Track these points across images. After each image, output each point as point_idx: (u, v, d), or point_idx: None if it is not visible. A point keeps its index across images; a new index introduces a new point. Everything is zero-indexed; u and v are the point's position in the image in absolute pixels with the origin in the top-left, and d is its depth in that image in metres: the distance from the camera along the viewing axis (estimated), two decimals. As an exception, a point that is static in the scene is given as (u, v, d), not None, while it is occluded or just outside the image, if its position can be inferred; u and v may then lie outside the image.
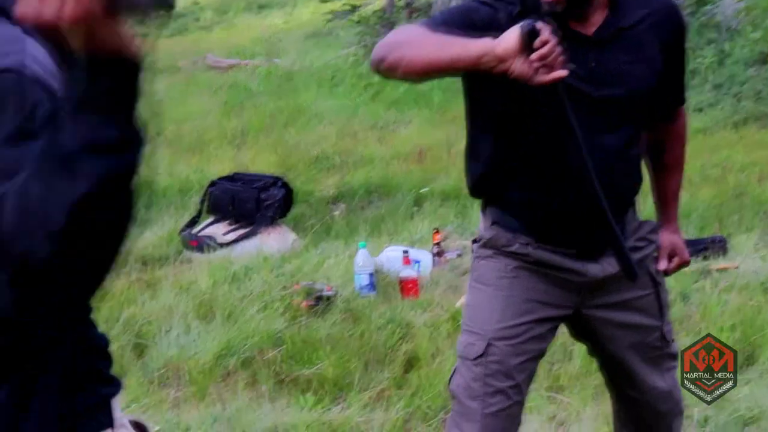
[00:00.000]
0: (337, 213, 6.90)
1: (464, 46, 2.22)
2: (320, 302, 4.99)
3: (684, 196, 6.76)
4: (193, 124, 9.61)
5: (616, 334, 2.64)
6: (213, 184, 6.50)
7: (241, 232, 6.20)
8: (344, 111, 10.29)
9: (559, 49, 2.16)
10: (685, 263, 2.76)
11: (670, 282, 4.94)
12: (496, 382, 2.54)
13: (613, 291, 2.60)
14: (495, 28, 2.26)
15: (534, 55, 2.13)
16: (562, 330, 2.78)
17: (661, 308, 2.67)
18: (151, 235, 6.31)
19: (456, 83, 2.61)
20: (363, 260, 5.27)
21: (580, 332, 2.75)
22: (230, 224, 6.32)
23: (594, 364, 3.01)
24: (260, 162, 8.11)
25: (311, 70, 12.30)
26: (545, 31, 2.15)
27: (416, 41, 2.33)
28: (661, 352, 2.70)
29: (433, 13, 2.26)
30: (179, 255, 6.00)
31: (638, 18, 2.46)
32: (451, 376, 2.65)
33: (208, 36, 18.01)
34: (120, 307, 4.95)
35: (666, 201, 2.79)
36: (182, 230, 6.25)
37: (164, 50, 15.12)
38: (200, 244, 6.07)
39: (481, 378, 2.54)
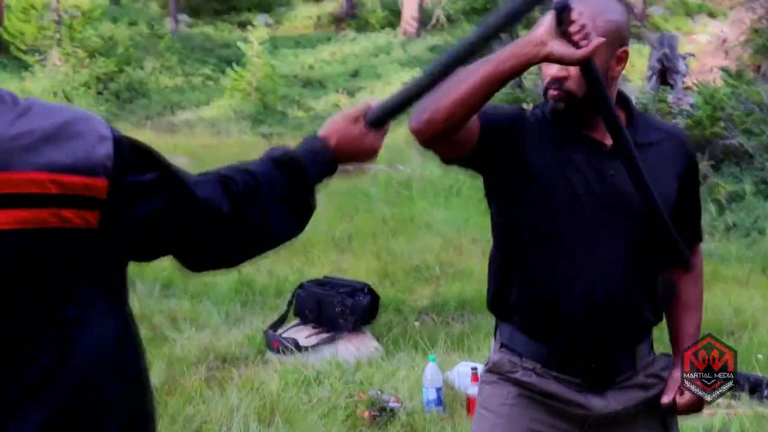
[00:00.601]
0: (418, 324, 6.88)
1: (500, 54, 2.20)
2: (383, 414, 4.98)
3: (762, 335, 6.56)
4: (304, 226, 9.81)
5: None
6: (301, 286, 6.60)
7: (323, 336, 6.26)
8: (454, 222, 10.35)
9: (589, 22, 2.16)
10: (696, 402, 2.57)
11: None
12: None
13: (617, 429, 2.54)
14: (519, 121, 2.44)
15: (574, 27, 2.11)
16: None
17: None
18: (237, 333, 6.44)
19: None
20: (431, 374, 5.23)
21: None
22: (314, 328, 6.38)
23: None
24: (360, 268, 8.21)
25: (430, 179, 12.44)
26: (576, 4, 2.15)
27: (447, 83, 2.21)
28: None
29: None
30: (259, 355, 6.09)
31: (654, 139, 2.48)
32: None
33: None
34: (186, 403, 5.06)
35: (681, 341, 2.66)
36: (266, 331, 6.35)
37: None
38: (281, 346, 6.14)
39: None
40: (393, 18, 32.38)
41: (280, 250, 6.78)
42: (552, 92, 2.39)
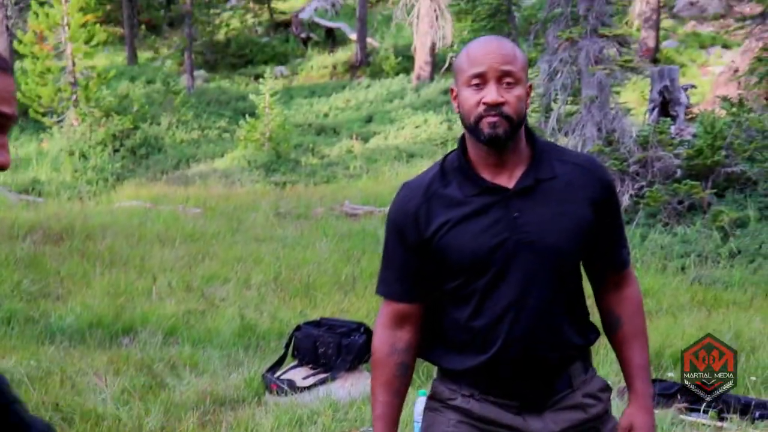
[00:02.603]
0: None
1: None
2: (374, 449, 5.02)
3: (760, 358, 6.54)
4: (309, 269, 9.91)
5: None
6: (298, 328, 6.68)
7: (320, 377, 6.33)
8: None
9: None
10: None
11: None
12: None
13: None
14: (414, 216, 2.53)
15: None
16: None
17: None
18: (236, 377, 6.51)
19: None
20: (421, 409, 5.26)
21: None
22: (311, 368, 6.46)
23: None
24: (362, 308, 8.28)
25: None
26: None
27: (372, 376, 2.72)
28: None
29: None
30: (256, 398, 6.15)
31: (558, 171, 2.52)
32: None
33: (355, 184, 18.61)
34: (179, 446, 5.14)
35: (630, 375, 2.65)
36: (264, 373, 6.42)
37: (305, 197, 15.74)
38: (279, 388, 6.21)
39: None
40: (406, 63, 32.65)
41: (284, 294, 6.87)
42: (491, 118, 2.42)
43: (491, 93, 2.41)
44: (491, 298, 2.48)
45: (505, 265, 2.46)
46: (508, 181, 2.49)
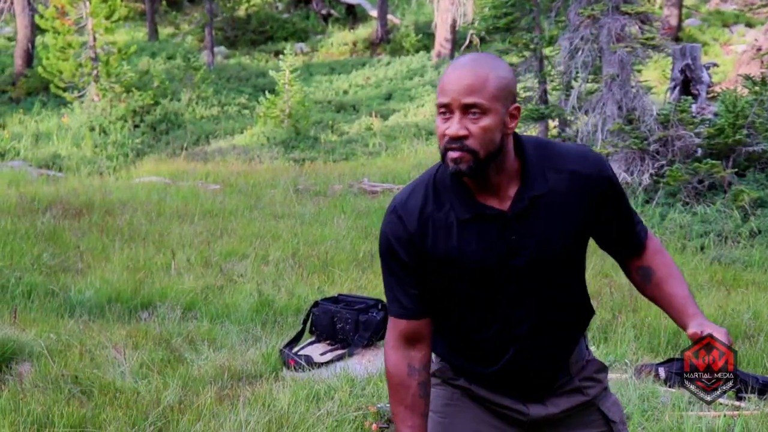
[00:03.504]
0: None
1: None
2: (391, 425, 5.05)
3: None
4: (327, 246, 9.92)
5: None
6: (316, 304, 6.70)
7: (337, 352, 6.35)
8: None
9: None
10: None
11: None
12: None
13: (559, 428, 2.62)
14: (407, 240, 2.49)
15: None
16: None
17: None
18: (254, 352, 6.54)
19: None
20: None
21: None
22: (329, 344, 6.48)
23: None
24: (380, 285, 8.27)
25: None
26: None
27: (391, 400, 2.64)
28: None
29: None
30: (274, 373, 6.18)
31: (552, 183, 2.44)
32: None
33: (374, 161, 18.60)
34: (196, 420, 5.16)
35: (682, 306, 2.53)
36: (282, 349, 6.45)
37: (323, 174, 15.74)
38: (297, 363, 6.24)
39: None
40: (427, 41, 32.61)
41: (302, 271, 6.86)
42: (453, 153, 2.35)
43: (453, 126, 2.34)
44: (494, 316, 2.50)
45: (504, 287, 2.47)
46: (502, 202, 2.44)
